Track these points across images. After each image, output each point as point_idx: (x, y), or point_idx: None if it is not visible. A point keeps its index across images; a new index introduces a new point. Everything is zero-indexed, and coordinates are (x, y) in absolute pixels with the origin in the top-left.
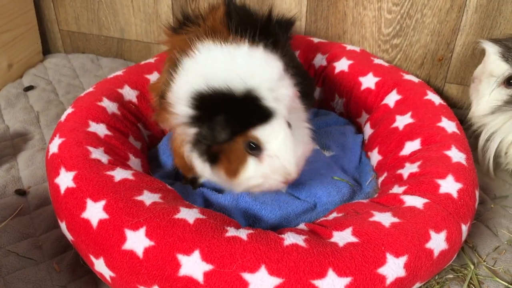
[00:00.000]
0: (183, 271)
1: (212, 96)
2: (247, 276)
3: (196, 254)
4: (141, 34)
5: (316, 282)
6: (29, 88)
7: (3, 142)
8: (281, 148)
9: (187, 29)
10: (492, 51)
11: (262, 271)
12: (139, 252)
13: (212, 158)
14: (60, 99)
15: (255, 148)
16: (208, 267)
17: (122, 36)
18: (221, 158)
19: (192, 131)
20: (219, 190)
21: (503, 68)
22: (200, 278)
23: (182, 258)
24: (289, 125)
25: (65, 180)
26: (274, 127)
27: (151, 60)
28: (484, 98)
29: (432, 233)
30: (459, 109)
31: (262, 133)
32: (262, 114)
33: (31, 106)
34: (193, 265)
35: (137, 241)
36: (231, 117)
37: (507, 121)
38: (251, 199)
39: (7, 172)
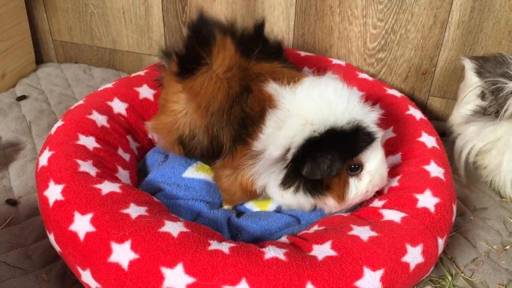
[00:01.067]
0: (166, 284)
1: (323, 138)
2: None
3: (179, 267)
4: (133, 45)
5: None
6: (22, 97)
7: None
8: (380, 164)
9: (198, 71)
10: (468, 66)
11: (243, 284)
12: (124, 264)
13: (320, 189)
14: (52, 109)
15: (356, 169)
16: (190, 279)
17: (114, 47)
18: (331, 187)
19: (282, 172)
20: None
21: (476, 82)
22: None
23: (165, 271)
24: None
25: (54, 193)
26: (374, 147)
27: (141, 73)
28: (461, 107)
29: (409, 247)
30: (442, 122)
31: (366, 156)
32: (368, 139)
33: (23, 116)
34: (176, 277)
35: (122, 253)
36: (341, 150)
37: (476, 130)
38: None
39: None
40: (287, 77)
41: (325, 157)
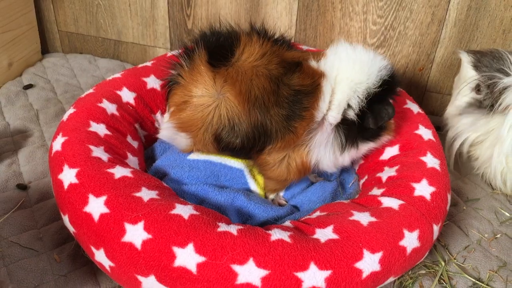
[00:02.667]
0: (178, 262)
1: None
2: (236, 267)
3: (190, 246)
4: (138, 37)
5: (299, 274)
6: (29, 86)
7: (4, 138)
8: None
9: (230, 61)
10: (465, 60)
11: (250, 263)
12: (138, 244)
13: (378, 132)
14: (58, 97)
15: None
16: (201, 259)
17: (119, 38)
18: (386, 127)
19: (343, 135)
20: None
21: (473, 75)
22: (193, 269)
23: (177, 250)
24: None
25: (68, 176)
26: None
27: (148, 64)
28: (456, 101)
29: (406, 232)
30: (438, 116)
31: None
32: (396, 87)
33: (31, 104)
34: (187, 256)
35: (135, 234)
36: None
37: (470, 122)
38: (246, 198)
39: (9, 167)
40: (315, 56)
41: (385, 106)
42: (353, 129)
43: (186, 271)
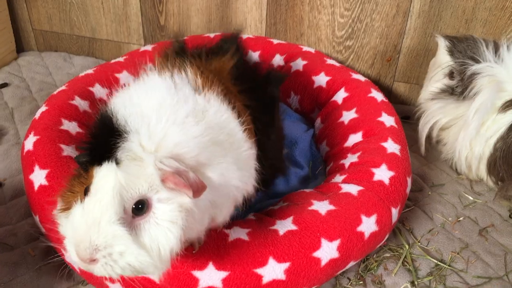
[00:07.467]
0: None
1: None
2: (197, 273)
3: None
4: (112, 34)
5: (259, 270)
6: (3, 85)
7: None
8: None
9: None
10: (441, 45)
11: (210, 267)
12: None
13: None
14: (33, 95)
15: None
16: None
17: (93, 35)
18: None
19: None
20: None
21: (447, 61)
22: (155, 278)
23: None
24: None
25: (39, 177)
26: None
27: (121, 59)
28: (430, 86)
29: (364, 218)
30: (407, 106)
31: None
32: None
33: (6, 103)
34: None
35: None
36: None
37: (441, 107)
38: None
39: None
40: None
41: None
42: None
43: (149, 281)
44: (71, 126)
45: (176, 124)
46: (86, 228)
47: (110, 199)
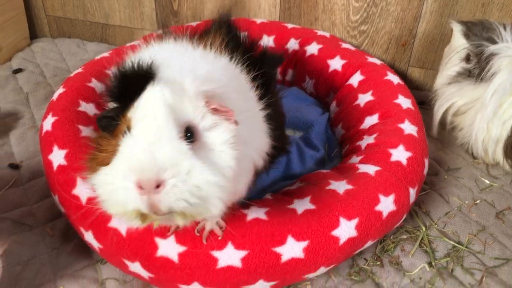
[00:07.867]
0: (160, 252)
1: None
2: (216, 253)
3: (172, 237)
4: (125, 20)
5: (278, 249)
6: (18, 70)
7: None
8: None
9: None
10: (456, 29)
11: (229, 247)
12: (123, 230)
13: None
14: (48, 81)
15: None
16: (182, 248)
17: (107, 21)
18: None
19: None
20: None
21: (463, 44)
22: (175, 258)
23: (159, 241)
24: None
25: (58, 157)
26: None
27: (135, 43)
28: (445, 71)
29: (382, 197)
30: (422, 91)
31: None
32: None
33: (21, 88)
34: (168, 247)
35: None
36: None
37: (458, 90)
38: None
39: (0, 148)
40: None
41: None
42: None
43: (168, 260)
44: (88, 108)
45: (204, 61)
46: (148, 148)
47: (164, 116)
